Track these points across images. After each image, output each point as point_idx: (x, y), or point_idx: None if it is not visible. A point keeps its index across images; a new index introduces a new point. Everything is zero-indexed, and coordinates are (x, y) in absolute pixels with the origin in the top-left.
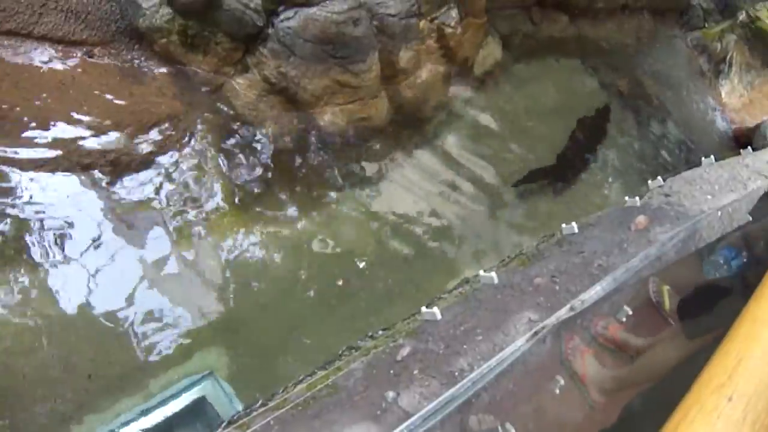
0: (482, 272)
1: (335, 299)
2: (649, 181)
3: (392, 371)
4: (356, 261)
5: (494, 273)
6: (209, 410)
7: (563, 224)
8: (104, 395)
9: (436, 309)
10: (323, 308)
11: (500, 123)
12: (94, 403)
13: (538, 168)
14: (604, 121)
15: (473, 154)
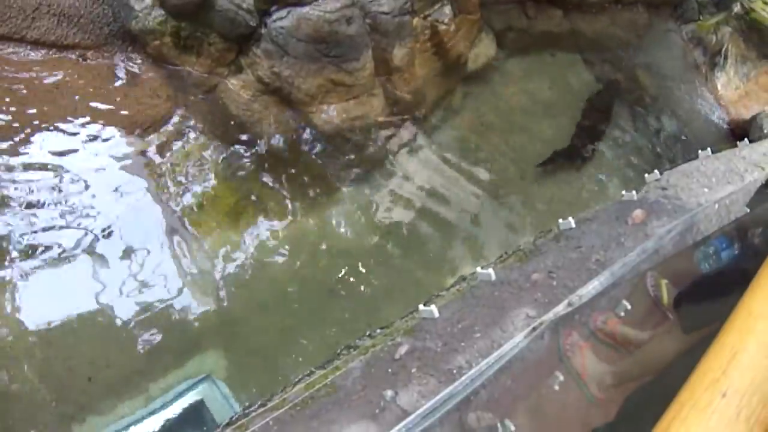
0: (479, 269)
1: (333, 299)
2: (646, 175)
3: (390, 370)
4: (354, 260)
5: (491, 270)
6: (207, 413)
7: (560, 219)
8: (104, 398)
9: (434, 307)
10: (321, 308)
11: (496, 118)
12: (95, 406)
13: (560, 149)
14: (613, 96)
15: (469, 151)
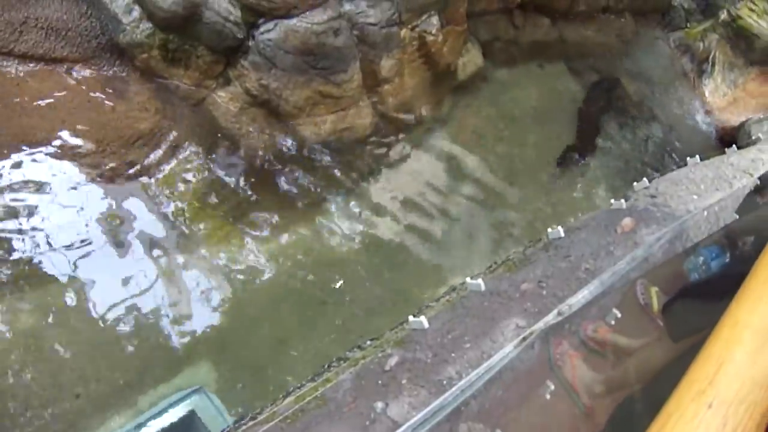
0: (469, 279)
1: (323, 311)
2: (635, 183)
3: (381, 381)
4: (343, 271)
5: (481, 280)
6: (199, 425)
7: (549, 229)
8: (94, 413)
9: (424, 318)
10: (311, 320)
11: (485, 128)
12: (85, 422)
13: (568, 146)
14: (611, 91)
15: (458, 161)
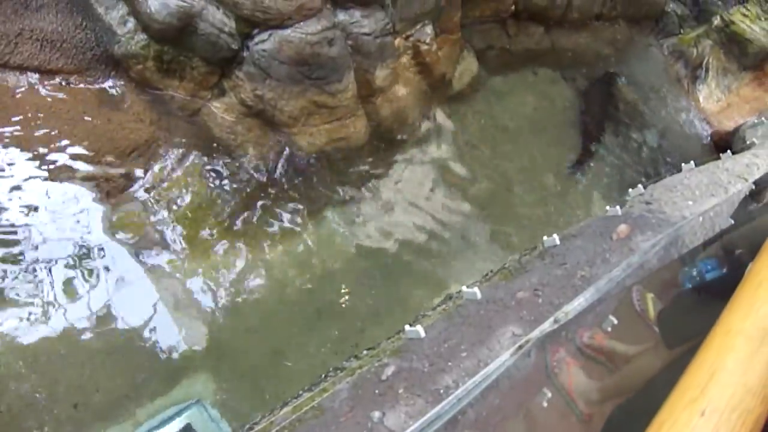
0: (465, 288)
1: (319, 321)
2: (630, 190)
3: (377, 391)
4: (339, 281)
5: (477, 288)
6: None
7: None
8: (92, 424)
9: (420, 327)
10: (308, 330)
11: (480, 137)
12: None
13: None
14: (609, 86)
15: (454, 170)
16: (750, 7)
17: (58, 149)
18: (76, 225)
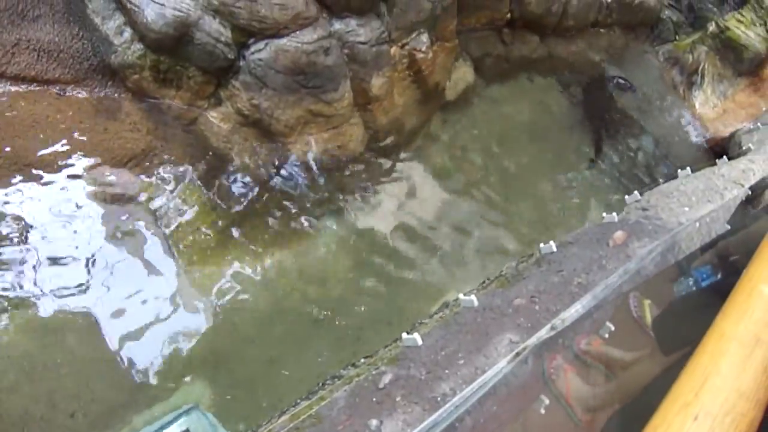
0: (462, 295)
1: (316, 329)
2: (626, 196)
3: (375, 399)
4: (336, 290)
5: (474, 296)
6: None
7: (541, 244)
8: None
9: (417, 335)
10: (305, 339)
11: (477, 145)
12: None
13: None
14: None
15: (450, 178)
16: (745, 13)
17: (55, 159)
18: (73, 234)
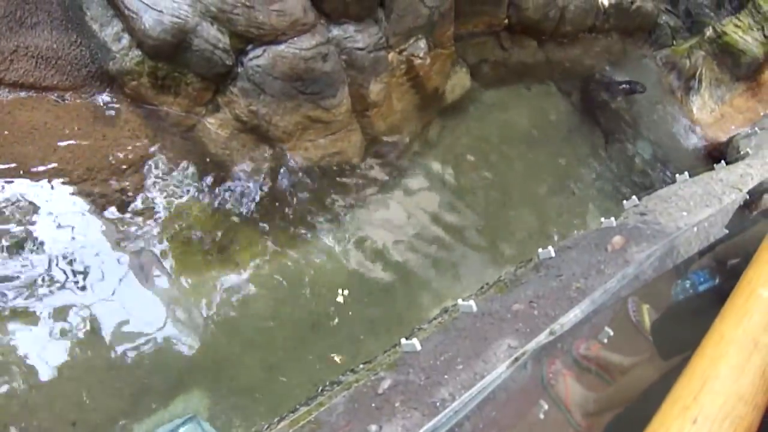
0: (461, 301)
1: (315, 335)
2: (625, 201)
3: (374, 404)
4: (334, 295)
5: (473, 301)
6: None
7: (540, 249)
8: None
9: (416, 340)
10: (304, 344)
11: (474, 150)
12: None
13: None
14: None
15: (448, 183)
16: (742, 18)
17: (54, 165)
18: (71, 242)
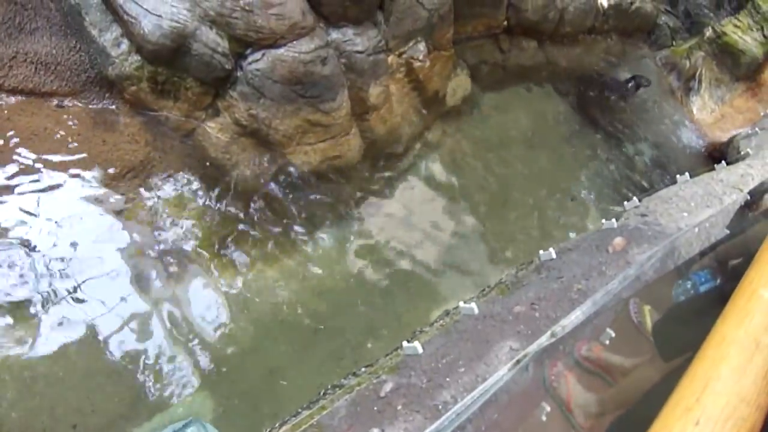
0: (462, 303)
1: (317, 339)
2: (625, 202)
3: (376, 408)
4: (336, 299)
5: (474, 303)
6: None
7: (541, 251)
8: None
9: (417, 343)
10: (306, 348)
11: (475, 153)
12: None
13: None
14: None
15: (449, 187)
16: (742, 18)
17: (53, 171)
18: (71, 246)
